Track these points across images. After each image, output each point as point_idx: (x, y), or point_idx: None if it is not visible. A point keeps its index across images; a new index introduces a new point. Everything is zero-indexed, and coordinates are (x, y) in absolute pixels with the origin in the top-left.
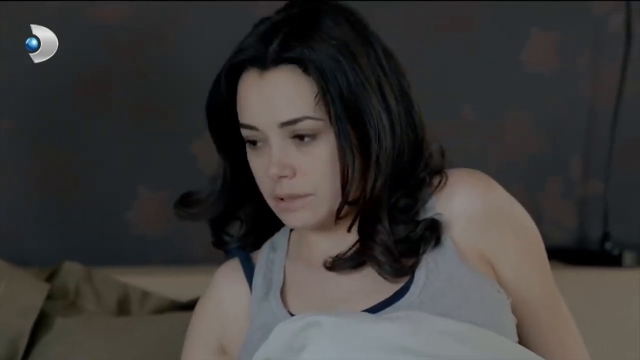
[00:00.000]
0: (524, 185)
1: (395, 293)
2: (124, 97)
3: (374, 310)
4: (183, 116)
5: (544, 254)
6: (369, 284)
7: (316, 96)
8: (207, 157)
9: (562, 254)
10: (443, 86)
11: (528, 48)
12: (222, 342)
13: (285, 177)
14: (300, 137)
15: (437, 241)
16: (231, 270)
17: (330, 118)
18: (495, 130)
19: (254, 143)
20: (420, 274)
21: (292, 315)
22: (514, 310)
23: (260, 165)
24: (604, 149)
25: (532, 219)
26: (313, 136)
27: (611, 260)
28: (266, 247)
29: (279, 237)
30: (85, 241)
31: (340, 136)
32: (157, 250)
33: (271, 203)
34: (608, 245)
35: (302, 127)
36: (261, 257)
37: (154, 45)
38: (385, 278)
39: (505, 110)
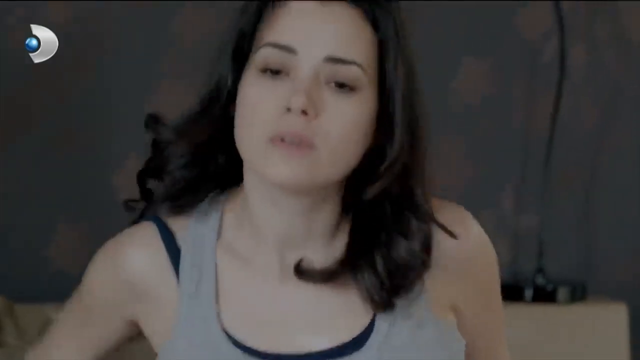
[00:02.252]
0: None
1: (357, 336)
2: (43, 127)
3: (334, 352)
4: (104, 147)
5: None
6: (333, 310)
7: (380, 43)
8: (128, 190)
9: None
10: None
11: (460, 76)
12: (132, 313)
13: (306, 115)
14: (339, 84)
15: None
16: (149, 240)
17: (380, 79)
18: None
19: (274, 72)
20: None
21: (227, 334)
22: (471, 353)
23: (272, 96)
24: (537, 181)
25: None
26: (353, 89)
27: (545, 296)
28: (192, 216)
29: (209, 209)
30: (2, 276)
31: (382, 99)
32: (77, 286)
33: (260, 146)
34: (542, 281)
35: (348, 73)
36: (187, 230)
37: (74, 73)
38: (372, 299)
39: (436, 140)
